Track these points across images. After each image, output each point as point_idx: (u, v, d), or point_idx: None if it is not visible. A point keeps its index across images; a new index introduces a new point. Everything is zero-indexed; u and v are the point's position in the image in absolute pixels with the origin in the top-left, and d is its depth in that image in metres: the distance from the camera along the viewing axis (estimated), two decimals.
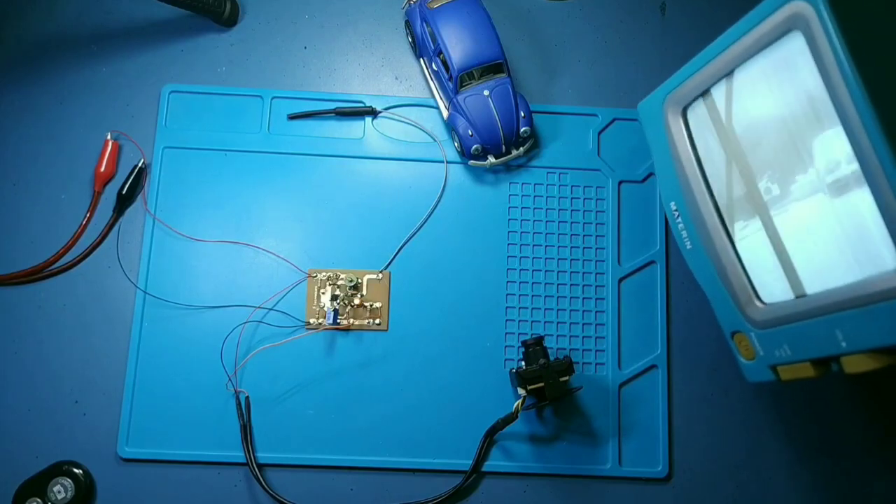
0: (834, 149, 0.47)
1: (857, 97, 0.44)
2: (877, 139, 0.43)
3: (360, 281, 0.71)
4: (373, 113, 0.75)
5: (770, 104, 0.52)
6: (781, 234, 0.53)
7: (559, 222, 0.73)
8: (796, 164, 0.50)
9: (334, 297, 0.70)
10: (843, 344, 0.49)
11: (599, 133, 0.76)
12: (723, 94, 0.55)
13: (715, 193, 0.58)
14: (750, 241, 0.56)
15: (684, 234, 0.61)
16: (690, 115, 0.59)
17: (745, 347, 0.58)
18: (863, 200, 0.46)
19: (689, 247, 0.61)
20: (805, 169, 0.50)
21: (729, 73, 0.54)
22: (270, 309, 0.70)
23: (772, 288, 0.56)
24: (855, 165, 0.45)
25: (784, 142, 0.51)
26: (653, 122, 0.62)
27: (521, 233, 0.73)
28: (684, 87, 0.58)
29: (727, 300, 0.59)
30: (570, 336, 0.71)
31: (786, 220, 0.53)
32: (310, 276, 0.71)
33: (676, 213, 0.61)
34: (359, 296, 0.71)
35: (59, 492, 0.65)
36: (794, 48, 0.48)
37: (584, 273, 0.72)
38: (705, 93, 0.56)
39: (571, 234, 0.73)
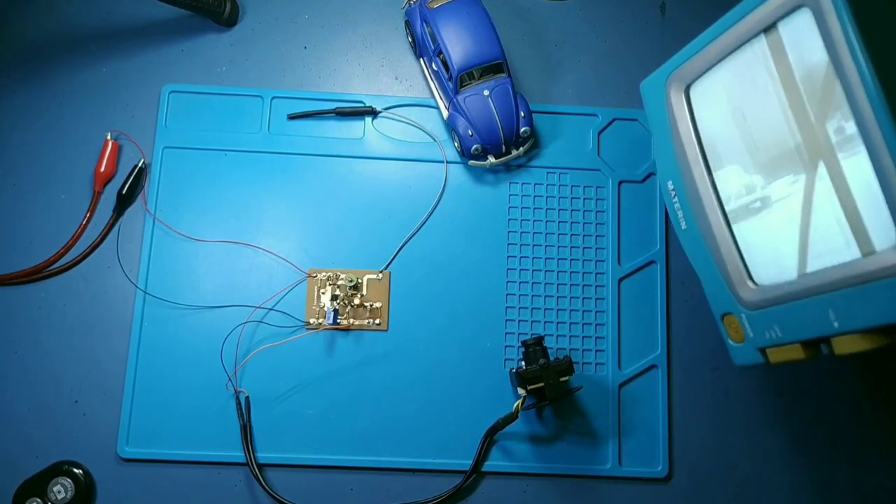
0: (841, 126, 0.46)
1: (864, 74, 0.43)
2: (882, 117, 0.43)
3: (360, 281, 0.71)
4: (373, 113, 0.75)
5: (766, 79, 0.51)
6: (778, 213, 0.53)
7: (559, 222, 0.73)
8: (789, 142, 0.50)
9: (334, 297, 0.70)
10: (836, 324, 0.48)
11: (599, 133, 0.76)
12: (733, 64, 0.55)
13: (713, 173, 0.58)
14: (746, 222, 0.56)
15: (680, 213, 0.61)
16: (693, 92, 0.58)
17: (734, 329, 0.58)
18: (864, 177, 0.45)
19: (683, 227, 0.61)
20: (801, 147, 0.50)
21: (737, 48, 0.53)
22: (270, 309, 0.70)
23: (765, 269, 0.55)
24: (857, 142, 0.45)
25: (779, 117, 0.51)
26: (655, 101, 0.61)
27: (521, 233, 0.73)
28: (689, 65, 0.57)
29: (719, 281, 0.58)
30: (570, 336, 0.71)
31: (782, 199, 0.52)
32: (310, 276, 0.71)
33: (673, 193, 0.61)
34: (359, 296, 0.71)
35: (59, 492, 0.65)
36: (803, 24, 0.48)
37: (584, 273, 0.72)
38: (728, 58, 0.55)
39: (571, 234, 0.73)
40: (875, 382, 0.71)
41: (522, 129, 0.72)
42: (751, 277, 0.56)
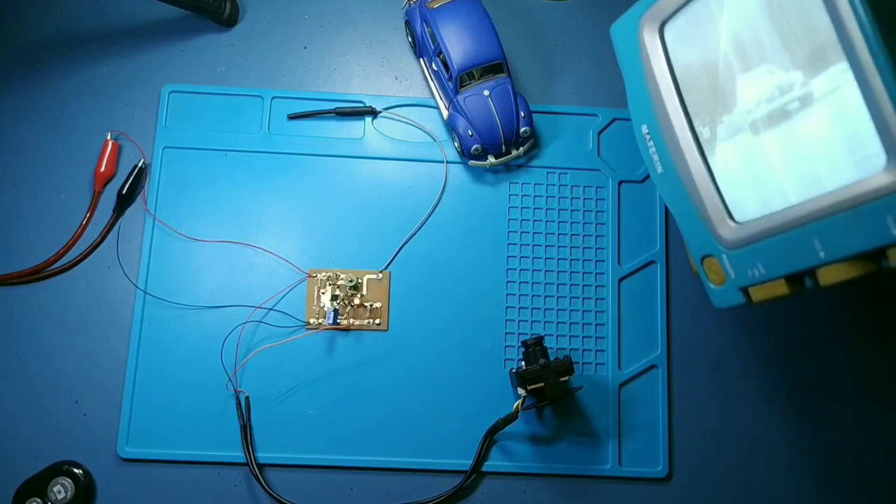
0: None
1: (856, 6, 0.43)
2: (875, 47, 0.42)
3: (360, 281, 0.71)
4: (373, 113, 0.75)
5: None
6: (760, 147, 0.52)
7: (559, 222, 0.74)
8: (773, 69, 0.49)
9: (334, 297, 0.70)
10: (822, 254, 0.48)
11: (599, 133, 0.76)
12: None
13: (690, 110, 0.56)
14: (724, 158, 0.55)
15: (655, 157, 0.59)
16: (668, 30, 0.57)
17: (714, 272, 0.57)
18: (846, 105, 0.45)
19: (659, 171, 0.59)
20: (782, 76, 0.49)
21: None
22: (270, 309, 0.70)
23: (746, 205, 0.54)
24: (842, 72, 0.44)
25: (767, 39, 0.50)
26: (626, 43, 0.59)
27: (521, 233, 0.73)
28: (663, 2, 0.56)
29: (699, 223, 0.57)
30: (570, 336, 0.71)
31: (764, 132, 0.51)
32: (310, 276, 0.71)
33: (648, 137, 0.59)
34: (359, 296, 0.71)
35: (59, 492, 0.65)
36: None
37: (584, 273, 0.72)
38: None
39: (571, 234, 0.73)
40: (879, 380, 0.71)
41: (522, 129, 0.72)
42: (730, 215, 0.55)
